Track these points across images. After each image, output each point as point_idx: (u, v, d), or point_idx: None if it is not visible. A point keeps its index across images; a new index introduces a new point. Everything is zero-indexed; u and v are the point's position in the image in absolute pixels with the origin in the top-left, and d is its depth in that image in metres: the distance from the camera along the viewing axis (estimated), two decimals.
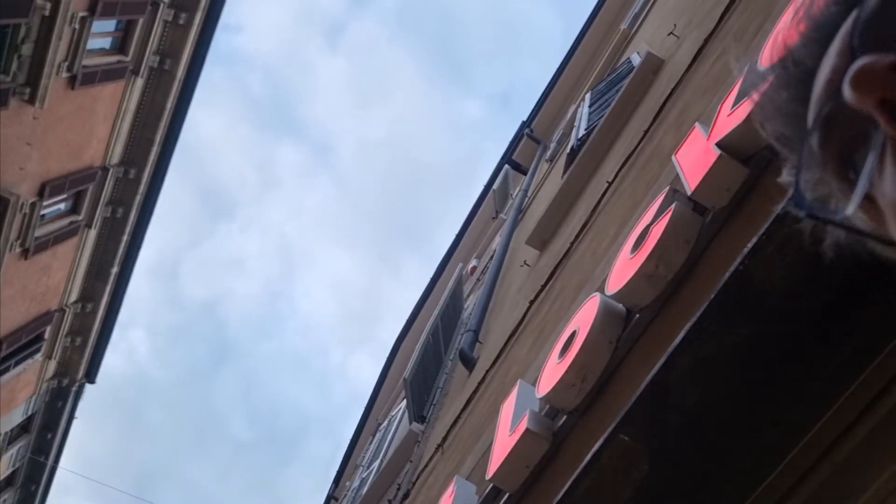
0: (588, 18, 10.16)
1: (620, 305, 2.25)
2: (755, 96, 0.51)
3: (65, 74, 11.13)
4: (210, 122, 61.56)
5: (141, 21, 12.19)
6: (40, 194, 11.78)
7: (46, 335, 14.19)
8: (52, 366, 15.11)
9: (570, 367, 2.24)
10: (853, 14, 0.45)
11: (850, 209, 0.43)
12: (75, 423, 16.95)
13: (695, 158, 2.19)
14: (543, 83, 11.01)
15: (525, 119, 11.62)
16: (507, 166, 11.49)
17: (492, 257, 8.38)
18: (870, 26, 0.43)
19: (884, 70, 0.41)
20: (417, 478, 5.19)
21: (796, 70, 0.49)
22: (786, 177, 0.49)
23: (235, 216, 69.00)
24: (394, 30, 71.58)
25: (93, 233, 13.87)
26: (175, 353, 64.43)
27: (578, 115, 6.59)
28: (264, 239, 70.68)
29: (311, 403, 73.83)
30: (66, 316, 14.41)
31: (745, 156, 1.95)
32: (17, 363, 13.53)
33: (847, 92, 0.41)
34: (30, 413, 15.42)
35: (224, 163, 64.69)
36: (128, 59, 12.36)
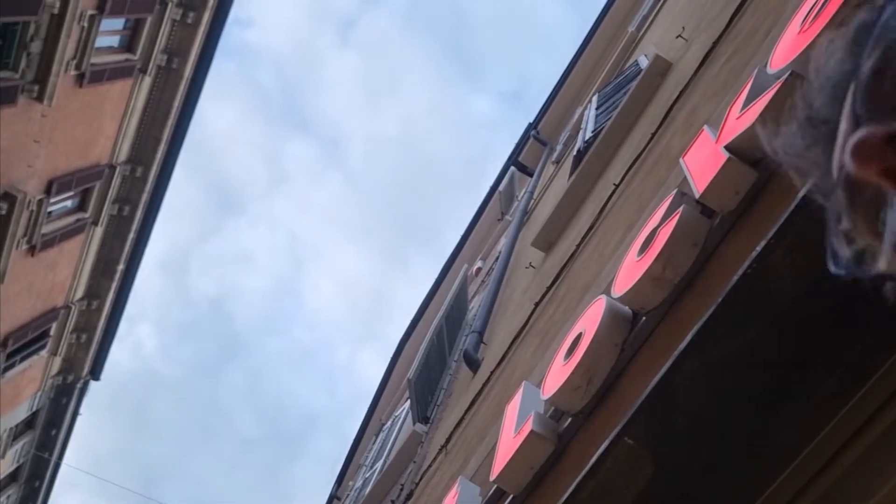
0: (596, 20, 10.15)
1: (627, 308, 2.25)
2: (774, 146, 0.51)
3: (73, 72, 11.17)
4: (220, 117, 61.69)
5: (149, 20, 12.24)
6: (47, 191, 11.83)
7: (52, 332, 14.24)
8: (57, 362, 15.16)
9: (575, 369, 2.24)
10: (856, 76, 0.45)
11: (882, 266, 0.44)
12: (80, 419, 17.02)
13: (703, 161, 2.18)
14: (554, 81, 11.01)
15: (532, 121, 11.62)
16: (512, 168, 11.48)
17: (497, 259, 8.38)
18: (867, 94, 0.44)
19: (880, 142, 0.41)
20: (421, 478, 5.18)
21: (816, 124, 0.49)
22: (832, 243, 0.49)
23: (245, 211, 69.10)
24: (405, 25, 71.52)
25: (99, 230, 13.92)
26: (182, 349, 64.55)
27: (585, 118, 6.58)
28: (273, 234, 70.75)
29: (319, 400, 73.89)
30: (71, 313, 14.46)
31: (755, 159, 1.94)
32: (22, 359, 13.58)
33: (849, 163, 0.43)
34: (34, 409, 15.47)
35: (234, 157, 64.82)
36: (136, 57, 12.40)
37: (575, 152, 5.99)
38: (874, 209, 0.45)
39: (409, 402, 7.32)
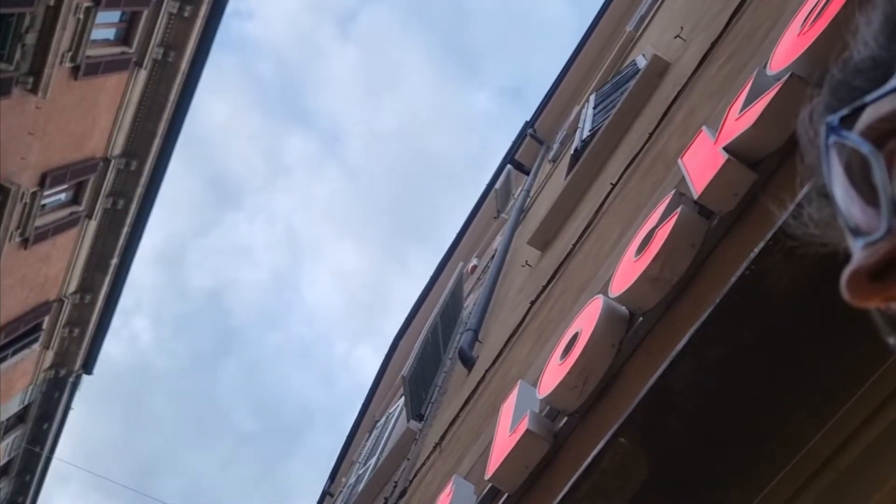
0: (593, 20, 10.15)
1: (624, 308, 2.25)
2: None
3: (68, 65, 11.12)
4: (219, 109, 61.35)
5: (145, 13, 12.18)
6: (41, 184, 11.77)
7: (45, 325, 14.18)
8: (49, 356, 15.10)
9: (572, 368, 2.23)
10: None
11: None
12: (74, 412, 16.97)
13: (702, 162, 2.18)
14: (554, 78, 10.99)
15: (528, 119, 11.61)
16: (509, 166, 11.48)
17: (492, 257, 8.38)
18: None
19: (866, 283, 0.41)
20: (415, 476, 5.18)
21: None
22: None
23: (243, 204, 68.78)
24: (405, 20, 71.20)
25: (93, 224, 13.86)
26: (179, 342, 64.24)
27: (583, 117, 6.58)
28: (271, 228, 70.45)
29: (316, 395, 73.69)
30: (64, 306, 14.41)
31: (754, 160, 1.94)
32: (14, 353, 13.52)
33: (847, 297, 0.42)
34: (26, 403, 15.41)
35: (233, 150, 64.45)
36: (131, 50, 12.35)
37: (572, 151, 5.99)
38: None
39: (403, 399, 7.31)
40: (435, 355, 7.50)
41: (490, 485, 2.62)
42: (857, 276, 0.41)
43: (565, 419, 2.33)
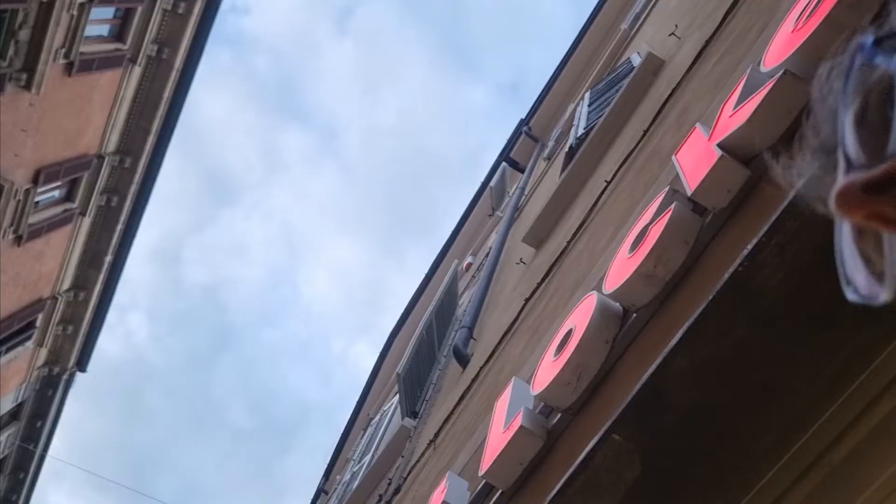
0: (589, 18, 10.16)
1: (617, 305, 2.25)
2: (791, 176, 0.51)
3: (62, 61, 11.07)
4: (215, 105, 60.94)
5: (140, 9, 12.14)
6: (35, 181, 11.73)
7: (38, 323, 14.14)
8: (43, 354, 15.05)
9: (565, 365, 2.24)
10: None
11: (887, 295, 0.44)
12: (69, 409, 16.92)
13: (695, 159, 2.19)
14: (551, 75, 10.97)
15: (524, 117, 11.62)
16: (504, 164, 11.49)
17: (487, 254, 8.38)
18: (852, 140, 0.44)
19: (859, 191, 0.42)
20: (409, 473, 5.19)
21: (827, 152, 0.49)
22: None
23: (239, 201, 68.40)
24: (403, 15, 70.91)
25: (87, 221, 13.82)
26: (175, 339, 63.96)
27: (577, 114, 6.59)
28: (268, 224, 70.16)
29: (312, 392, 73.56)
30: (58, 304, 14.36)
31: (747, 157, 1.95)
32: (8, 350, 13.47)
33: (834, 212, 0.43)
34: (20, 401, 15.36)
35: (229, 146, 64.09)
36: (126, 47, 12.30)
37: (566, 149, 5.99)
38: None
39: (397, 396, 7.32)
40: (430, 353, 7.51)
41: (484, 481, 2.62)
42: (852, 185, 0.42)
43: (559, 416, 2.33)
